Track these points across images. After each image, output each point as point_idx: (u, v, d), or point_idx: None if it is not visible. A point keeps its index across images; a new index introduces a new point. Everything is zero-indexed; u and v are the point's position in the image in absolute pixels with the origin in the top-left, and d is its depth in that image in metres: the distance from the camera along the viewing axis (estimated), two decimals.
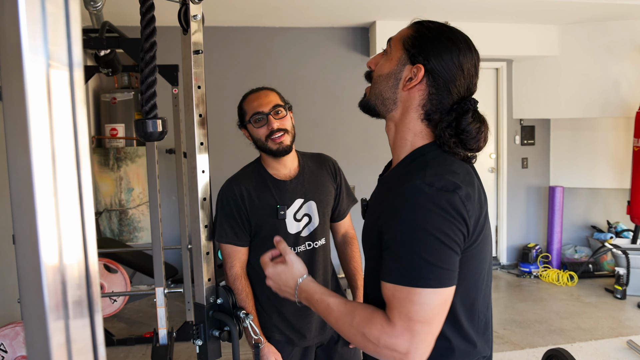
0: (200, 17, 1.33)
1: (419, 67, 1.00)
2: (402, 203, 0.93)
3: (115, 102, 4.65)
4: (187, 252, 3.45)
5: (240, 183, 1.70)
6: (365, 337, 0.94)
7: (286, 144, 1.66)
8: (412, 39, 1.03)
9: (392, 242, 0.93)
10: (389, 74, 1.05)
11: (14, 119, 0.37)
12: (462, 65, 1.01)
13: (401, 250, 0.92)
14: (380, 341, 0.92)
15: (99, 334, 0.42)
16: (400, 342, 0.90)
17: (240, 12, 4.30)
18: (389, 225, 0.95)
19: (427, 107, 1.02)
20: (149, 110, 1.13)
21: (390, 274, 0.93)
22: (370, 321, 0.94)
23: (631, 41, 4.57)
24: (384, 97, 1.06)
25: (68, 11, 0.39)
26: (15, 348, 2.73)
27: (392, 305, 0.92)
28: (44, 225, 0.37)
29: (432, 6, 4.19)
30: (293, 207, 1.69)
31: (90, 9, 2.50)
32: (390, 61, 1.05)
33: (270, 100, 1.68)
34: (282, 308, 1.70)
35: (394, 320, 0.91)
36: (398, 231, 0.92)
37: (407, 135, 1.05)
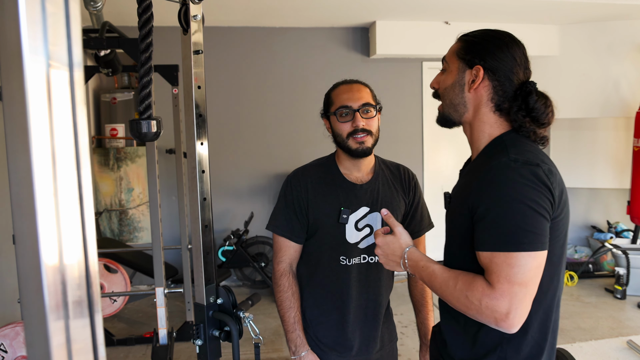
0: (200, 17, 1.32)
1: (478, 68, 1.15)
2: (492, 178, 1.04)
3: (115, 102, 4.65)
4: (187, 252, 3.45)
5: (308, 175, 1.60)
6: (468, 300, 1.03)
7: (367, 146, 1.55)
8: (464, 48, 1.18)
9: (485, 214, 1.03)
10: (453, 84, 1.20)
11: (14, 119, 0.37)
12: (514, 55, 1.16)
13: (495, 220, 1.01)
14: (482, 303, 1.00)
15: (99, 334, 0.42)
16: (501, 304, 0.98)
17: (240, 12, 4.30)
18: (480, 199, 1.05)
19: (496, 99, 1.16)
20: (143, 110, 1.14)
21: (486, 243, 1.03)
22: (472, 285, 1.03)
23: (631, 41, 4.57)
24: (455, 104, 1.20)
25: (68, 11, 0.39)
26: (15, 348, 2.73)
27: (490, 271, 1.01)
28: (44, 225, 0.37)
29: (432, 6, 4.19)
30: (357, 213, 1.57)
31: (90, 9, 2.50)
32: (450, 73, 1.20)
33: (362, 96, 1.56)
34: (324, 323, 1.61)
35: (494, 284, 1.00)
36: (491, 203, 1.03)
37: (484, 128, 1.18)
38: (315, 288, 1.61)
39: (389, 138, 5.08)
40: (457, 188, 1.25)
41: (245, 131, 4.85)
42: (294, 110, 4.91)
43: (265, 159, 4.90)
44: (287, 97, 4.90)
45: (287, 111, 4.90)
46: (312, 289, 1.61)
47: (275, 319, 4.02)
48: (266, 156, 4.90)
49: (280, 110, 4.89)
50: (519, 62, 1.17)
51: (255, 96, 4.85)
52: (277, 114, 4.89)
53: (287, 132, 4.90)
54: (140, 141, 1.15)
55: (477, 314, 1.02)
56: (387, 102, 5.05)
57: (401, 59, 4.99)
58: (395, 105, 5.06)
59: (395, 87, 5.05)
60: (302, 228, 1.58)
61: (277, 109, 4.89)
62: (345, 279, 1.57)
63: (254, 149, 4.86)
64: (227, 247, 4.55)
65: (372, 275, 1.60)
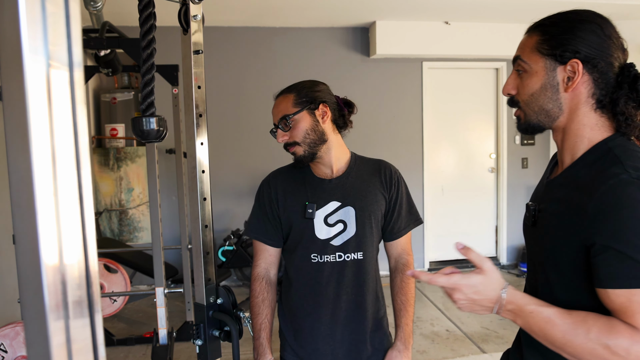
0: (200, 17, 1.33)
1: (575, 62, 0.96)
2: (614, 201, 0.86)
3: (115, 102, 4.65)
4: (187, 252, 3.45)
5: (279, 176, 1.62)
6: (610, 350, 0.84)
7: (299, 154, 1.51)
8: (547, 42, 0.99)
9: (612, 244, 0.85)
10: (543, 87, 1.00)
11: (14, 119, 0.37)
12: (610, 35, 0.97)
13: (628, 250, 0.84)
14: (631, 352, 0.83)
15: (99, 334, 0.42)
16: None
17: (241, 12, 4.30)
18: (602, 227, 0.87)
19: (598, 94, 0.97)
20: (145, 108, 1.13)
21: (618, 278, 0.85)
22: (613, 331, 0.84)
23: (631, 41, 4.55)
24: (547, 109, 1.01)
25: (68, 11, 0.39)
26: (15, 348, 2.73)
27: (632, 311, 0.84)
28: (44, 225, 0.37)
29: (432, 6, 4.19)
30: (326, 208, 1.52)
31: (90, 9, 2.50)
32: (535, 75, 1.00)
33: (279, 110, 1.55)
34: (301, 328, 1.57)
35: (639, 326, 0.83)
36: (619, 231, 0.85)
37: (583, 132, 0.99)
38: (295, 291, 1.57)
39: (389, 138, 5.09)
40: (554, 204, 1.02)
41: (245, 131, 4.85)
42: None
43: (265, 159, 4.90)
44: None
45: None
46: (293, 292, 1.58)
47: (275, 319, 4.02)
48: (266, 156, 4.90)
49: None
50: (615, 41, 0.96)
51: (255, 96, 4.85)
52: None
53: None
54: (143, 140, 1.13)
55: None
56: (387, 102, 5.07)
57: (401, 59, 4.99)
58: (395, 105, 5.06)
59: (395, 87, 5.05)
60: (276, 230, 1.56)
61: None
62: (318, 277, 1.52)
63: (254, 149, 4.86)
64: (227, 247, 4.55)
65: (349, 274, 1.52)
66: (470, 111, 5.31)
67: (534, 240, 1.06)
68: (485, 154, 5.38)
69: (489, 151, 5.38)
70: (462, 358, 3.25)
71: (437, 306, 4.25)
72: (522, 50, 1.03)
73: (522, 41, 1.04)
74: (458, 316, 4.00)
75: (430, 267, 5.25)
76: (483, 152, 5.37)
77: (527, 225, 1.10)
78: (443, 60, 5.08)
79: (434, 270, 5.77)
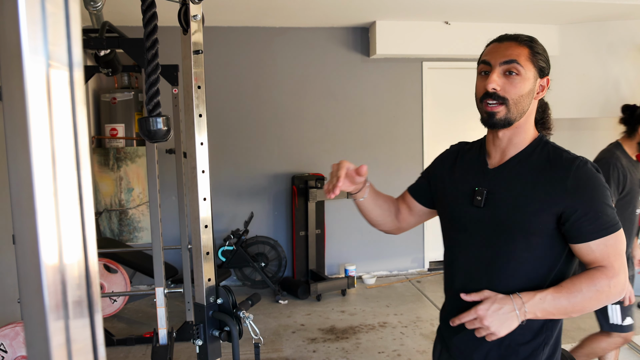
0: (200, 17, 1.33)
1: (548, 79, 1.27)
2: (585, 177, 1.17)
3: (115, 102, 4.65)
4: (187, 252, 3.45)
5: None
6: (599, 291, 1.15)
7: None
8: (536, 56, 1.24)
9: (589, 209, 1.16)
10: (529, 92, 1.24)
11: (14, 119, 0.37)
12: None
13: (599, 211, 1.16)
14: (611, 285, 1.15)
15: (99, 334, 0.42)
16: (622, 276, 1.16)
17: (240, 12, 4.30)
18: (582, 196, 1.16)
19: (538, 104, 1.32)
20: (152, 109, 1.13)
21: (597, 231, 1.16)
22: (594, 277, 1.16)
23: (631, 41, 4.57)
24: (524, 110, 1.25)
25: (68, 11, 0.39)
26: (15, 348, 2.73)
27: (606, 254, 1.16)
28: (44, 225, 0.37)
29: (432, 6, 4.19)
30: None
31: (90, 9, 2.50)
32: (527, 81, 1.23)
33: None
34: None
35: (612, 263, 1.16)
36: (593, 197, 1.17)
37: (530, 129, 1.30)
38: None
39: (389, 138, 5.09)
40: (514, 186, 1.25)
41: (245, 131, 4.85)
42: (294, 110, 4.91)
43: (265, 159, 4.90)
44: (287, 97, 4.90)
45: (287, 111, 4.90)
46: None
47: (275, 318, 4.03)
48: (266, 156, 4.90)
49: (280, 110, 4.90)
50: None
51: (255, 96, 4.85)
52: (277, 114, 4.89)
53: (287, 132, 4.91)
54: (150, 140, 1.13)
55: (607, 298, 1.15)
56: (387, 102, 5.07)
57: (401, 59, 4.99)
58: (396, 105, 5.06)
59: (395, 87, 5.05)
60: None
61: (277, 109, 4.89)
62: None
63: (254, 149, 4.86)
64: (227, 247, 4.55)
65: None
66: (470, 111, 5.27)
67: (486, 219, 1.26)
68: None
69: None
70: None
71: (437, 306, 4.25)
72: (519, 56, 1.22)
73: (515, 49, 1.23)
74: None
75: (430, 266, 5.25)
76: None
77: (473, 207, 1.29)
78: (443, 60, 5.08)
79: (434, 270, 5.76)
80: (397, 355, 3.32)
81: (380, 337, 3.63)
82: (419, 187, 1.54)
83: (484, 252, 1.28)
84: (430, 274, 5.18)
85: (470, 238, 1.32)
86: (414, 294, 4.58)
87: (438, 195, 1.47)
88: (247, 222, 4.52)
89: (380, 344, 3.51)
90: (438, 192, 1.47)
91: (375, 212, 1.48)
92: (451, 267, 1.44)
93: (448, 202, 1.40)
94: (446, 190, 1.42)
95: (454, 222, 1.39)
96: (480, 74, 1.30)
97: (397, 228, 1.56)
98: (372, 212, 1.48)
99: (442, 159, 1.52)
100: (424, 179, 1.54)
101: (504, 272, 1.25)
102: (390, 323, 3.90)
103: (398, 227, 1.55)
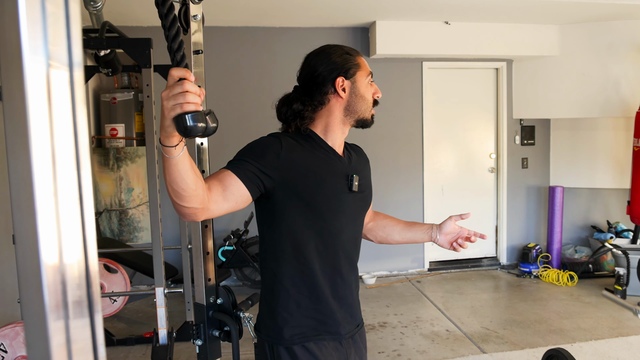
0: (200, 17, 1.33)
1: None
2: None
3: (115, 102, 4.65)
4: (187, 252, 3.45)
5: None
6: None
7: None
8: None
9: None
10: None
11: (14, 119, 0.37)
12: None
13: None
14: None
15: (99, 334, 0.42)
16: None
17: (241, 12, 4.30)
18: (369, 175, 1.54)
19: None
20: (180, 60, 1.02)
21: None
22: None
23: (631, 41, 4.57)
24: None
25: (68, 11, 0.39)
26: (15, 348, 2.73)
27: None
28: (44, 225, 0.37)
29: (432, 6, 4.19)
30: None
31: (90, 9, 2.50)
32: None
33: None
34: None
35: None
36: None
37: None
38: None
39: (389, 138, 5.09)
40: (362, 172, 1.48)
41: (245, 131, 4.85)
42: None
43: None
44: None
45: None
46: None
47: None
48: None
49: None
50: None
51: (255, 96, 4.85)
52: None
53: None
54: (186, 136, 0.98)
55: None
56: (387, 102, 5.06)
57: (401, 59, 4.99)
58: (396, 105, 5.05)
59: (395, 87, 5.05)
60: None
61: None
62: None
63: None
64: (227, 247, 4.55)
65: None
66: (470, 111, 5.31)
67: (357, 201, 1.42)
68: (485, 154, 5.38)
69: (489, 151, 5.38)
70: (462, 358, 3.25)
71: (437, 306, 4.25)
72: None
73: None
74: (458, 316, 4.00)
75: (430, 267, 5.25)
76: (483, 152, 5.37)
77: (345, 193, 1.38)
78: (443, 60, 5.08)
79: (434, 271, 5.75)
80: (397, 355, 3.32)
81: (380, 337, 3.63)
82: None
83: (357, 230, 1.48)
84: (430, 274, 5.18)
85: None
86: (414, 294, 4.58)
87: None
88: (247, 222, 4.52)
89: (380, 344, 3.51)
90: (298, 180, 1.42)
91: (191, 176, 1.10)
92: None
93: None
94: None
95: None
96: (369, 83, 1.45)
97: (206, 209, 1.21)
98: (188, 174, 1.09)
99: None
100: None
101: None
102: (390, 323, 3.90)
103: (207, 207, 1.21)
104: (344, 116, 1.41)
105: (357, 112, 1.41)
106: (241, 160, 1.26)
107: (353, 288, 1.45)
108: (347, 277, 1.40)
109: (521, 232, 5.43)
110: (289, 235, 1.31)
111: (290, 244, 1.32)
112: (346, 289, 1.40)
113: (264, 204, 1.33)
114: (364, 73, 1.42)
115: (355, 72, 1.40)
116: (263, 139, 1.35)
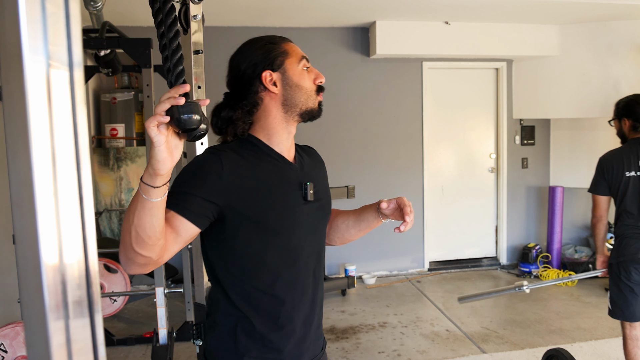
0: (200, 17, 1.33)
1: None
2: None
3: (115, 102, 4.65)
4: (187, 252, 3.45)
5: None
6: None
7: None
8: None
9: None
10: None
11: (14, 119, 0.37)
12: None
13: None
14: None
15: (99, 334, 0.42)
16: None
17: (241, 12, 4.30)
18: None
19: None
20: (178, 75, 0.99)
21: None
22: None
23: (631, 41, 4.57)
24: None
25: (68, 11, 0.39)
26: (15, 348, 2.73)
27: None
28: (44, 225, 0.37)
29: (432, 6, 4.19)
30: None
31: (90, 9, 2.50)
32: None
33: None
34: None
35: None
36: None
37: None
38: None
39: (389, 138, 5.09)
40: (317, 179, 1.32)
41: None
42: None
43: None
44: None
45: None
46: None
47: None
48: None
49: None
50: None
51: None
52: None
53: None
54: (187, 135, 0.95)
55: None
56: (387, 102, 5.07)
57: (401, 59, 4.99)
58: (396, 105, 5.06)
59: (395, 87, 5.05)
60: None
61: None
62: None
63: None
64: None
65: None
66: (470, 111, 5.31)
67: (314, 211, 1.26)
68: (485, 154, 5.38)
69: (489, 151, 5.38)
70: (462, 358, 3.25)
71: (437, 306, 4.25)
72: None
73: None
74: (458, 316, 4.00)
75: (430, 266, 5.25)
76: (483, 152, 5.37)
77: (300, 204, 1.23)
78: (443, 60, 5.08)
79: (434, 270, 5.76)
80: (397, 355, 3.32)
81: (380, 337, 3.63)
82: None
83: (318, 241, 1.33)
84: (430, 274, 5.18)
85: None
86: (414, 294, 4.58)
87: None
88: None
89: (380, 344, 3.51)
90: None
91: (161, 225, 1.01)
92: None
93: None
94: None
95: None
96: (303, 69, 1.24)
97: (160, 259, 1.10)
98: (160, 222, 1.01)
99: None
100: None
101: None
102: (390, 323, 3.90)
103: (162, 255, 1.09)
104: (283, 113, 1.22)
105: (298, 105, 1.21)
106: (182, 193, 1.09)
107: (318, 309, 1.30)
108: (312, 297, 1.26)
109: (521, 232, 5.43)
110: (242, 260, 1.17)
111: (244, 269, 1.18)
112: (312, 310, 1.27)
113: (210, 228, 1.16)
114: (294, 60, 1.23)
115: (283, 62, 1.21)
116: (200, 160, 1.16)
